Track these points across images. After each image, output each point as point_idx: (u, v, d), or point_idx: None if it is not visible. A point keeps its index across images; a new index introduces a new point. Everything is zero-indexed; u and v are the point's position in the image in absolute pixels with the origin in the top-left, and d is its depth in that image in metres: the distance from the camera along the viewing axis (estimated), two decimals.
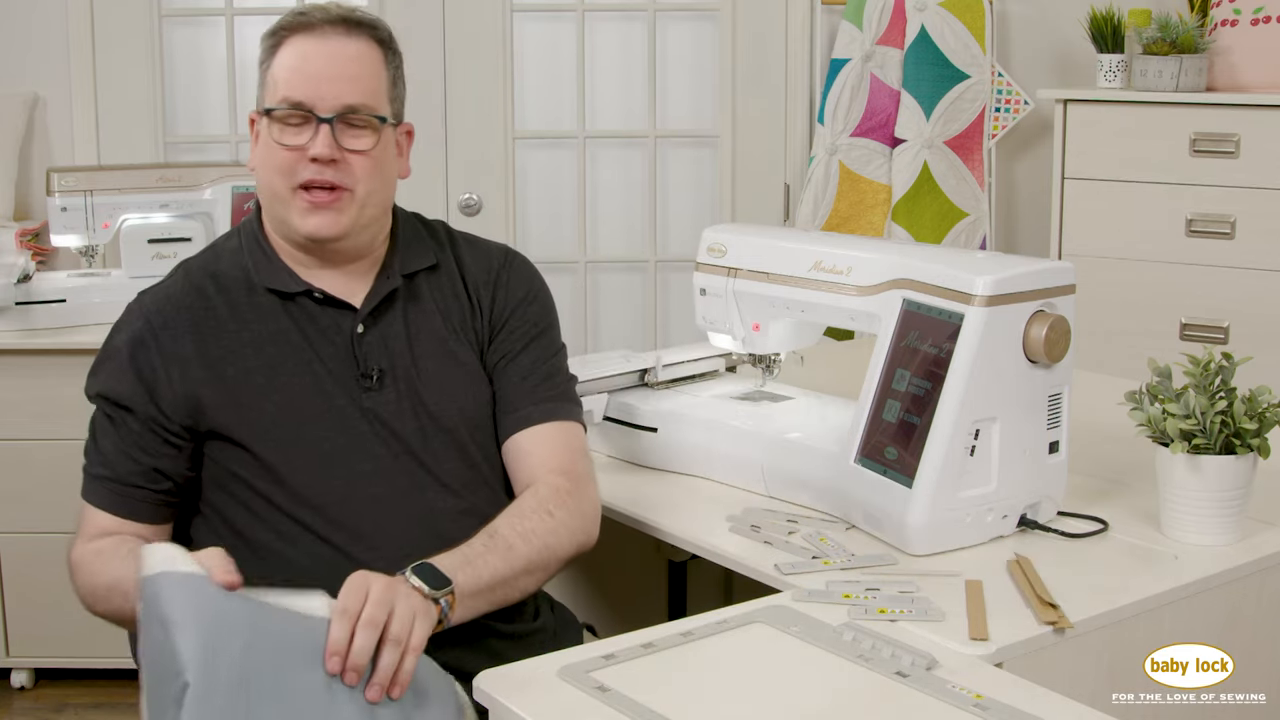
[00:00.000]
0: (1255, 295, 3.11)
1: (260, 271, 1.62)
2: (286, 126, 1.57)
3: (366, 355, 1.60)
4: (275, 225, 1.63)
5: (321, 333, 1.60)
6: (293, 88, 1.57)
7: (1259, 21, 3.24)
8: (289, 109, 1.57)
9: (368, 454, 1.58)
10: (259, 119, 1.61)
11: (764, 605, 1.48)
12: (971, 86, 3.47)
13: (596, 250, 3.74)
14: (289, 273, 1.62)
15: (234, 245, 1.66)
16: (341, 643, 1.26)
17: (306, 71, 1.57)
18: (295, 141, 1.57)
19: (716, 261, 1.96)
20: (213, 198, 2.98)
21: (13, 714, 2.95)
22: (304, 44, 1.58)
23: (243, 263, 1.63)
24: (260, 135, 1.60)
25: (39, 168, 3.44)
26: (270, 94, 1.59)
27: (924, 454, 1.58)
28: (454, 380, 1.65)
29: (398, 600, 1.31)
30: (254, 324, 1.59)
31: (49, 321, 2.83)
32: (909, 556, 1.60)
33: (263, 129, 1.60)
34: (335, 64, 1.58)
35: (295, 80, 1.57)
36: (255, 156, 1.63)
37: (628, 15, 3.68)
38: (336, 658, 1.26)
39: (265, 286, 1.61)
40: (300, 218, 1.58)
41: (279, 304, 1.61)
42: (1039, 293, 1.62)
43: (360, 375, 1.60)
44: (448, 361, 1.65)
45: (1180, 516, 1.64)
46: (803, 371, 2.09)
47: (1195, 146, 3.16)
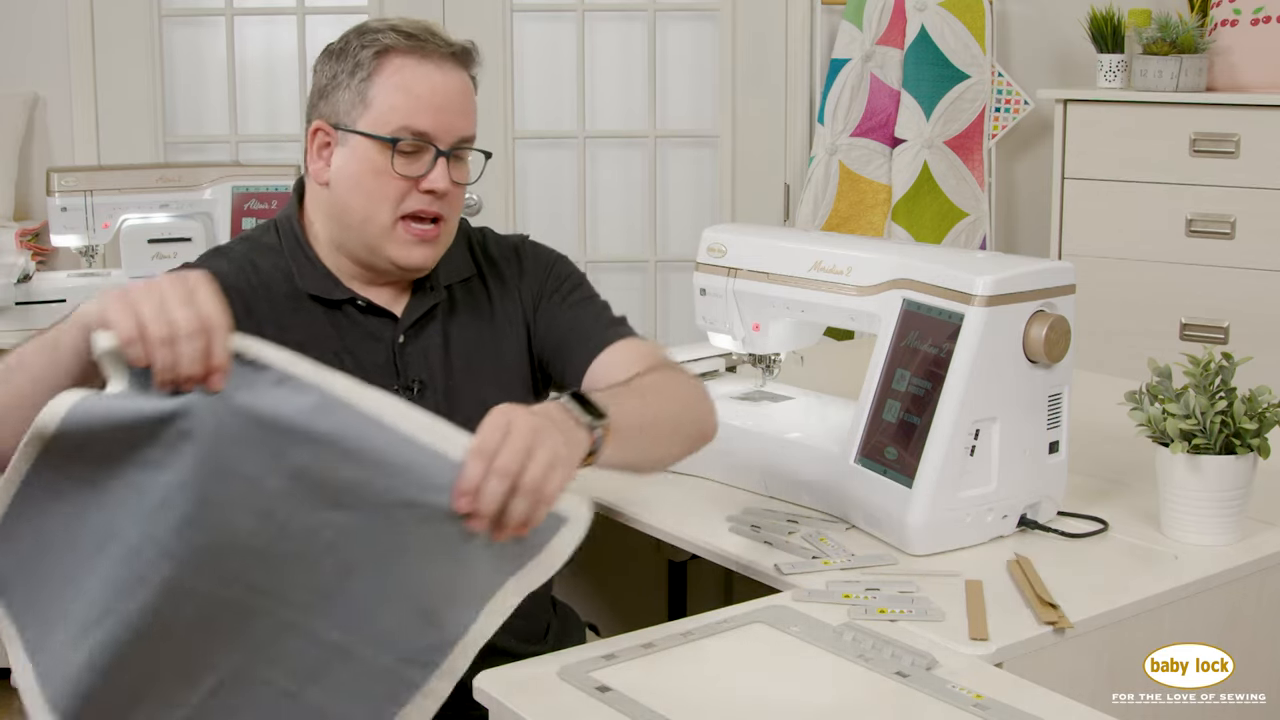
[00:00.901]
0: (1255, 295, 3.12)
1: (304, 277, 1.58)
2: (400, 154, 1.52)
3: (407, 366, 1.59)
4: (350, 245, 1.57)
5: (362, 341, 1.58)
6: (415, 117, 1.52)
7: (1259, 21, 3.24)
8: (413, 139, 1.53)
9: None
10: (351, 137, 1.53)
11: (764, 605, 1.48)
12: (971, 86, 3.47)
13: (596, 250, 3.74)
14: (333, 280, 1.58)
15: (271, 242, 1.61)
16: (473, 482, 1.17)
17: (433, 103, 1.52)
18: (411, 172, 1.52)
19: (716, 261, 1.96)
20: (213, 198, 2.97)
21: (13, 714, 2.95)
22: (420, 69, 1.52)
23: (282, 264, 1.58)
24: (354, 155, 1.54)
25: (39, 168, 3.44)
26: (378, 117, 1.52)
27: (924, 454, 1.58)
28: (490, 396, 1.63)
29: (538, 445, 1.20)
30: (295, 328, 1.55)
31: (49, 321, 2.75)
32: (909, 556, 1.60)
33: (364, 150, 1.53)
34: (454, 97, 1.54)
35: (419, 110, 1.52)
36: (342, 176, 1.55)
37: (628, 15, 3.68)
38: (466, 498, 1.17)
39: (308, 293, 1.57)
40: (403, 249, 1.55)
41: (321, 310, 1.57)
42: (1039, 293, 1.62)
43: (401, 386, 1.58)
44: (484, 376, 1.63)
45: (1180, 516, 1.64)
46: (803, 371, 2.09)
47: (1195, 146, 3.16)
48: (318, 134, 1.56)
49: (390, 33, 1.53)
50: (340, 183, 1.55)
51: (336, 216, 1.57)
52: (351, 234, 1.56)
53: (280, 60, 3.65)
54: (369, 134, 1.52)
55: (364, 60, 1.53)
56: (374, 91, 1.52)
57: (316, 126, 1.57)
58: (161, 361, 1.15)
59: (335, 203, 1.56)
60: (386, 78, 1.52)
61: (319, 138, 1.57)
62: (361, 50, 1.53)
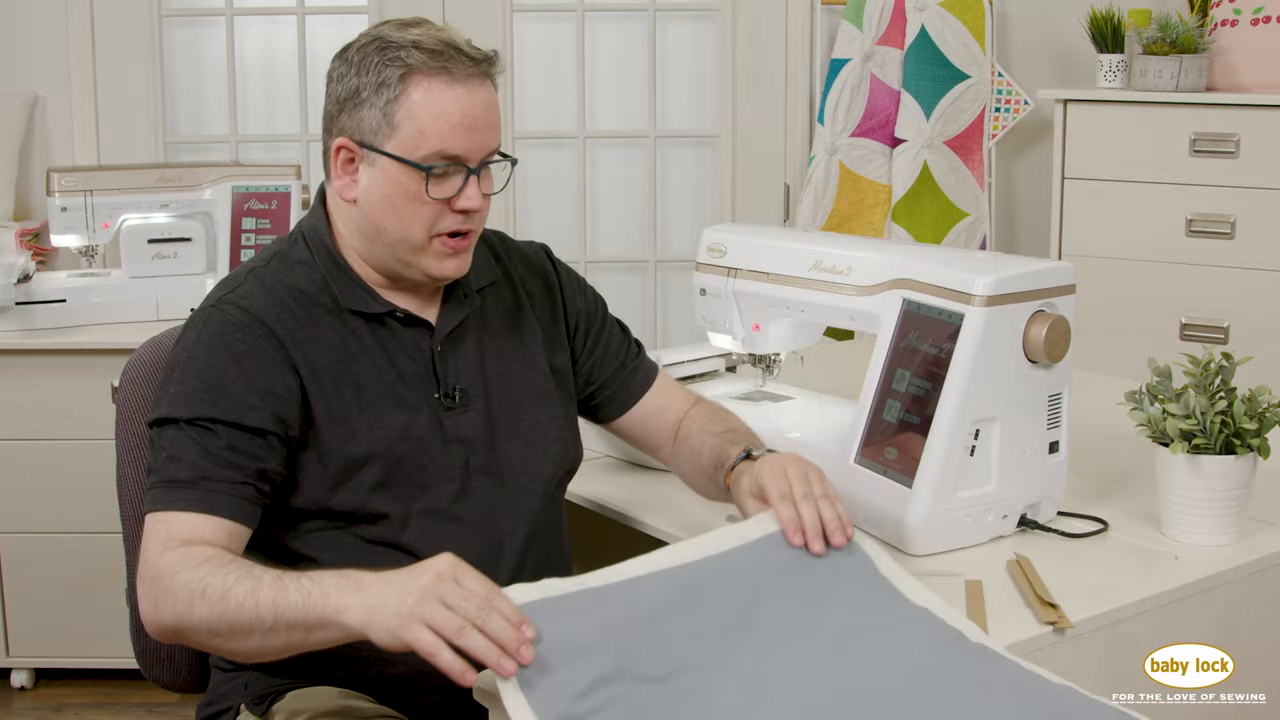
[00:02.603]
0: (1255, 295, 3.11)
1: (344, 294, 1.56)
2: (433, 177, 1.51)
3: (446, 374, 1.59)
4: (380, 258, 1.56)
5: (401, 351, 1.57)
6: (447, 142, 1.49)
7: (1259, 21, 3.24)
8: (444, 164, 1.51)
9: (448, 474, 1.56)
10: (379, 158, 1.51)
11: None
12: (971, 86, 3.47)
13: (596, 250, 3.74)
14: (371, 293, 1.57)
15: (303, 257, 1.58)
16: (795, 521, 1.44)
17: (462, 124, 1.50)
18: (443, 194, 1.51)
19: (716, 261, 1.96)
20: (213, 198, 2.97)
21: (13, 714, 2.95)
22: (449, 93, 1.49)
23: (317, 277, 1.56)
24: (383, 176, 1.51)
25: (39, 168, 3.45)
26: (407, 141, 1.49)
27: (924, 454, 1.58)
28: (525, 400, 1.64)
29: (807, 467, 1.49)
30: (336, 344, 1.54)
31: (49, 321, 2.83)
32: (909, 556, 1.60)
33: (394, 173, 1.50)
34: (482, 115, 1.52)
35: (450, 134, 1.49)
36: (372, 196, 1.52)
37: (628, 15, 3.68)
38: (799, 535, 1.44)
39: (350, 308, 1.56)
40: (437, 263, 1.54)
41: (363, 324, 1.56)
42: (1039, 293, 1.62)
43: (442, 395, 1.58)
44: (517, 382, 1.64)
45: (1180, 516, 1.64)
46: (803, 371, 2.09)
47: (1195, 146, 3.16)
48: (342, 150, 1.54)
49: (414, 51, 1.49)
50: (371, 203, 1.53)
51: (367, 233, 1.55)
52: (383, 250, 1.56)
53: (280, 60, 3.65)
54: (400, 158, 1.50)
55: (388, 80, 1.49)
56: (401, 115, 1.49)
57: (340, 144, 1.53)
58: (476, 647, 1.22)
59: (366, 220, 1.55)
60: (414, 101, 1.49)
61: (343, 154, 1.54)
62: (385, 69, 1.50)
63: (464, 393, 1.59)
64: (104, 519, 2.23)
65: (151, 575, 1.39)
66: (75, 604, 2.87)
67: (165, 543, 1.40)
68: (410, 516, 1.54)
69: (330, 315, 1.55)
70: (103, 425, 1.91)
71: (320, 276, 1.57)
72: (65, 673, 3.03)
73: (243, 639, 1.34)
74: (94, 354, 2.78)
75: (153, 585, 1.38)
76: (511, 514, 1.60)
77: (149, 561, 1.40)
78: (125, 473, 1.75)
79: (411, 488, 1.54)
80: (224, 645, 1.36)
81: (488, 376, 1.62)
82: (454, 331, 1.61)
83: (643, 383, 1.76)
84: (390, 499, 1.53)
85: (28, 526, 2.88)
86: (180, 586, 1.35)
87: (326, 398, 1.51)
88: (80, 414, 2.81)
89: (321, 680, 1.56)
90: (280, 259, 1.59)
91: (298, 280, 1.56)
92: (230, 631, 1.33)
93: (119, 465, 1.76)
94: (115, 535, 1.79)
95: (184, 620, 1.35)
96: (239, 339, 1.49)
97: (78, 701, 2.98)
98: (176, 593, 1.36)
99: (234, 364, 1.48)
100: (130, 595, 1.75)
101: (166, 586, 1.37)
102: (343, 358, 1.54)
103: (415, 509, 1.54)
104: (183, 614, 1.35)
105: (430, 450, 1.56)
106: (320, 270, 1.57)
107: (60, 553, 2.87)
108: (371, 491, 1.52)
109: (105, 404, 1.88)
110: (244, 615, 1.32)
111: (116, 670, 2.92)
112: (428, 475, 1.55)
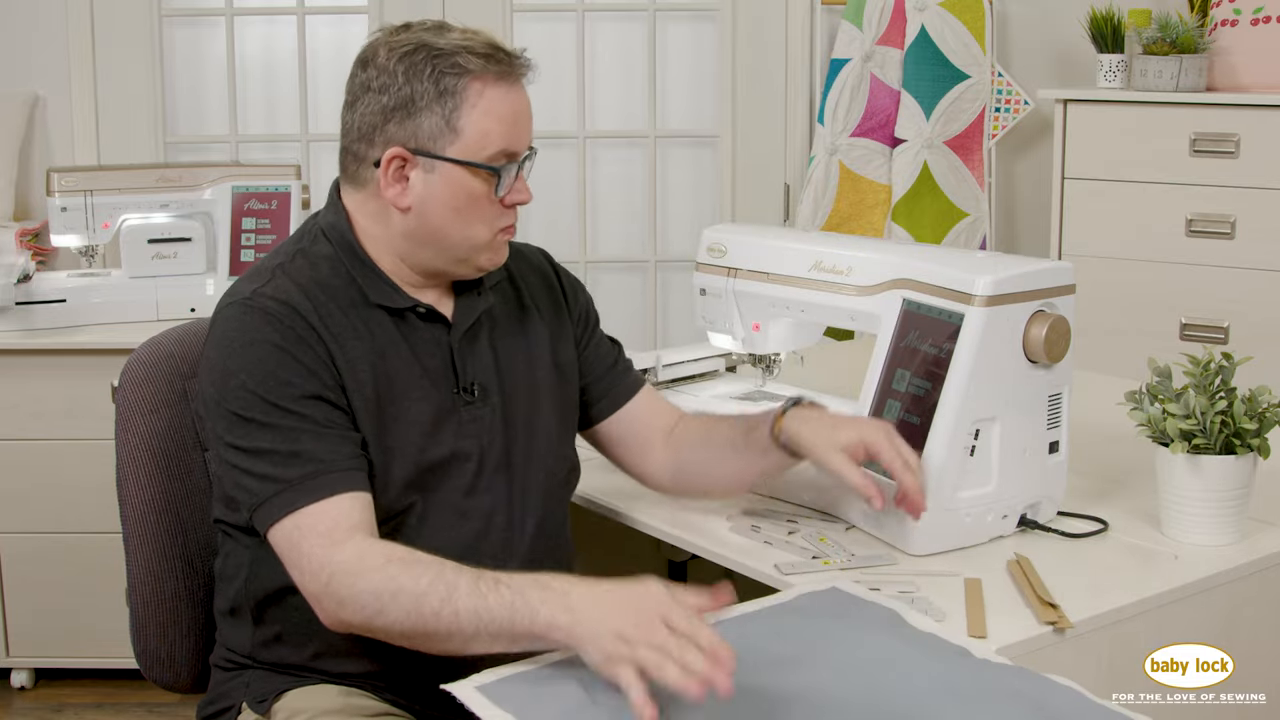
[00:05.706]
0: (1255, 295, 3.11)
1: (371, 289, 1.57)
2: (493, 177, 1.54)
3: (464, 369, 1.60)
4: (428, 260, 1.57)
5: (422, 345, 1.58)
6: (509, 140, 1.53)
7: (1259, 21, 3.24)
8: (507, 162, 1.55)
9: (462, 468, 1.57)
10: (439, 164, 1.52)
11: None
12: (971, 86, 3.47)
13: (596, 250, 3.74)
14: (395, 288, 1.58)
15: (325, 251, 1.59)
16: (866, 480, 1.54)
17: (517, 124, 1.54)
18: (506, 192, 1.56)
19: (716, 261, 1.96)
20: (213, 198, 2.97)
21: (13, 714, 2.95)
22: (508, 95, 1.53)
23: (342, 271, 1.57)
24: (445, 182, 1.53)
25: (39, 168, 3.44)
26: (471, 144, 1.52)
27: (924, 454, 1.58)
28: (539, 396, 1.66)
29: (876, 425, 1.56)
30: (366, 337, 1.55)
31: (49, 321, 2.83)
32: (909, 556, 1.60)
33: (459, 177, 1.53)
34: (527, 112, 1.57)
35: (510, 134, 1.53)
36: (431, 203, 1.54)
37: (628, 15, 3.68)
38: (876, 498, 1.53)
39: (377, 303, 1.57)
40: (495, 255, 1.59)
41: (389, 319, 1.58)
42: (1039, 293, 1.62)
43: (461, 389, 1.59)
44: (528, 378, 1.65)
45: (1180, 516, 1.64)
46: (803, 371, 2.09)
47: (1195, 146, 3.16)
48: (394, 160, 1.53)
49: (468, 55, 1.51)
50: (430, 209, 1.54)
51: (420, 238, 1.56)
52: (435, 252, 1.57)
53: (280, 60, 3.65)
54: (469, 162, 1.52)
55: (449, 88, 1.51)
56: (464, 120, 1.51)
57: (394, 154, 1.53)
58: (675, 681, 1.24)
59: (423, 226, 1.55)
60: (475, 105, 1.51)
61: (395, 164, 1.53)
62: (444, 77, 1.51)
63: (482, 388, 1.60)
64: (104, 519, 2.23)
65: (329, 575, 1.40)
66: (75, 604, 2.87)
67: (330, 537, 1.42)
68: (427, 509, 1.55)
69: (357, 310, 1.56)
70: (103, 425, 1.91)
71: (345, 271, 1.57)
72: (65, 673, 3.03)
73: (442, 643, 1.37)
74: (94, 354, 2.78)
75: (331, 584, 1.40)
76: (521, 508, 1.61)
77: (319, 561, 1.41)
78: (125, 473, 1.75)
79: (430, 481, 1.55)
80: (418, 645, 1.39)
81: (500, 372, 1.63)
82: (470, 327, 1.62)
83: (633, 385, 1.78)
84: (410, 491, 1.54)
85: (28, 526, 2.88)
86: (366, 590, 1.37)
87: (362, 390, 1.53)
88: (80, 414, 2.81)
89: (322, 679, 1.56)
90: (304, 255, 1.59)
91: (324, 275, 1.57)
92: (427, 637, 1.37)
93: (119, 465, 1.75)
94: (115, 535, 1.78)
95: (373, 623, 1.38)
96: (283, 330, 1.50)
97: (78, 701, 2.98)
98: (362, 595, 1.38)
99: (284, 352, 1.49)
100: (130, 595, 1.75)
101: (350, 587, 1.38)
102: (373, 352, 1.55)
103: (431, 501, 1.55)
104: (372, 617, 1.38)
105: (448, 444, 1.57)
106: (345, 265, 1.58)
107: (60, 553, 2.87)
108: (400, 486, 1.53)
109: (105, 404, 1.88)
110: (441, 624, 1.34)
111: (116, 670, 2.92)
112: (445, 469, 1.56)
